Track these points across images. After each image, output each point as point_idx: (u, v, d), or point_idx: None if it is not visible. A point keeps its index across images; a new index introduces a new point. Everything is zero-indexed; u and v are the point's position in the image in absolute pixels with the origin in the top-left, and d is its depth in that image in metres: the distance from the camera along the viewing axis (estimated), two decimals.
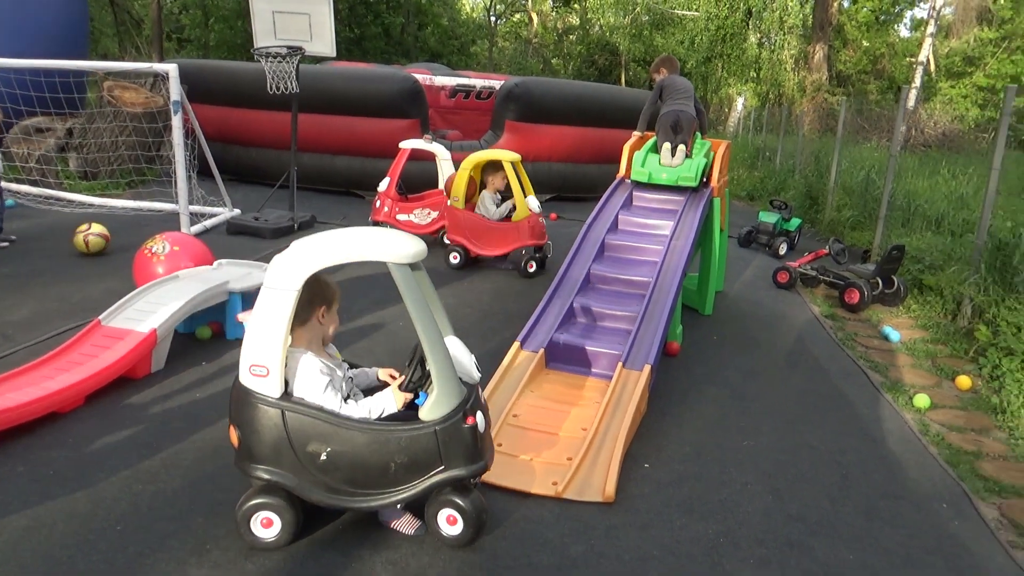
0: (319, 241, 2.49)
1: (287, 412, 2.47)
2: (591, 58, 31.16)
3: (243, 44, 23.22)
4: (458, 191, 6.70)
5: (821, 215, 10.36)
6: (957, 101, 29.01)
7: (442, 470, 2.50)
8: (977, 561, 2.83)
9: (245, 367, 2.50)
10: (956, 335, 5.64)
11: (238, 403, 2.54)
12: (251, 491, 2.57)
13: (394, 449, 2.46)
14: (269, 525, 2.55)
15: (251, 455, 2.53)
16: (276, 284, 2.44)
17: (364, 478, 2.48)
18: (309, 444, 2.47)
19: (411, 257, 2.43)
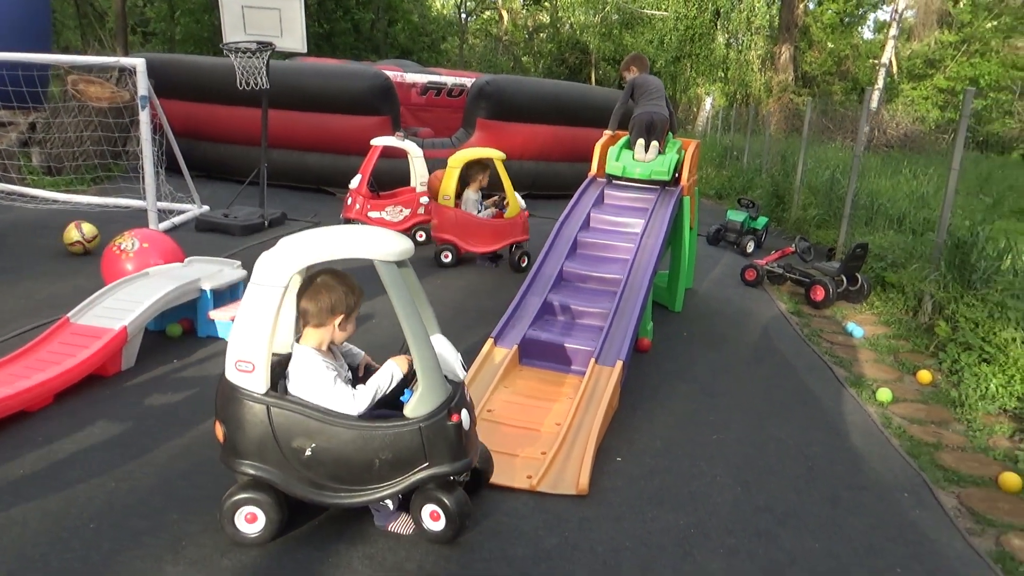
0: (306, 238, 2.50)
1: (272, 408, 2.47)
2: (562, 56, 31.26)
3: (210, 38, 22.89)
4: (448, 189, 6.70)
5: (787, 214, 10.55)
6: (918, 103, 29.68)
7: (426, 467, 2.51)
8: (937, 548, 2.93)
9: (231, 363, 2.50)
10: (917, 331, 5.80)
11: (224, 398, 2.54)
12: (236, 486, 2.57)
13: (379, 446, 2.47)
14: (253, 520, 2.55)
15: (236, 450, 2.53)
16: (263, 280, 2.44)
17: (349, 474, 2.49)
18: (294, 440, 2.47)
19: (398, 255, 2.45)
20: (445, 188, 6.71)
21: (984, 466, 3.71)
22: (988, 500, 3.38)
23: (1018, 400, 4.38)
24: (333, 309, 2.59)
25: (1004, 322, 4.85)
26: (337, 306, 2.59)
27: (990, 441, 4.04)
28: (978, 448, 3.94)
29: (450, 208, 6.74)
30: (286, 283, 2.44)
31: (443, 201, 6.75)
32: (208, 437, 3.33)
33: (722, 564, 2.69)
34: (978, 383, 4.60)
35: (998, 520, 3.21)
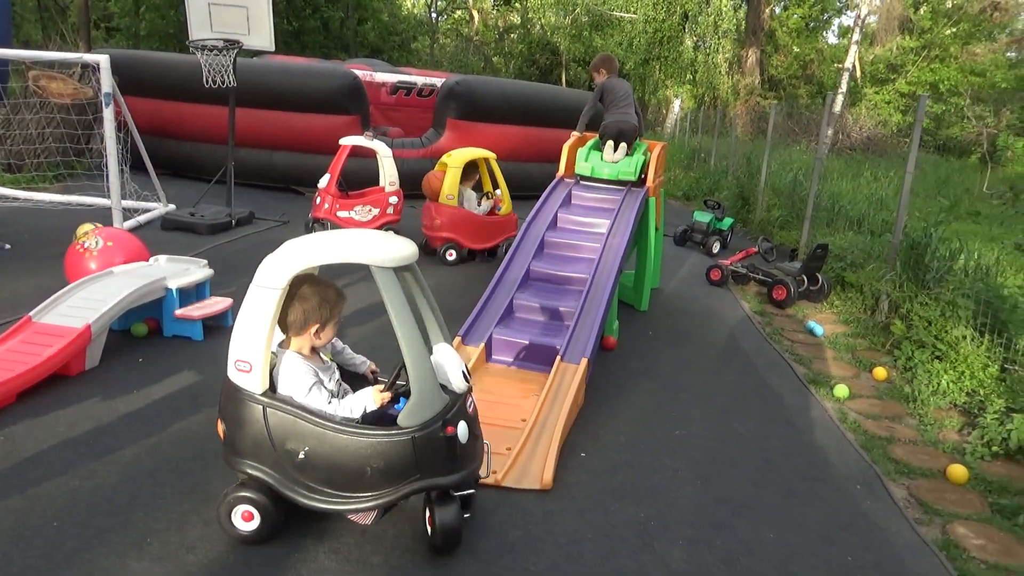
0: (306, 242, 2.52)
1: (268, 409, 2.49)
2: (532, 57, 31.34)
3: (175, 34, 22.57)
4: (452, 189, 6.89)
5: (752, 215, 10.74)
6: (881, 107, 30.30)
7: (418, 478, 2.48)
8: (886, 536, 3.05)
9: (232, 362, 2.52)
10: (874, 329, 5.97)
11: (225, 397, 2.56)
12: (235, 484, 2.59)
13: (370, 453, 2.45)
14: (249, 519, 2.56)
15: (235, 449, 2.55)
16: (263, 283, 2.46)
17: (341, 480, 2.47)
18: (288, 442, 2.48)
19: (395, 261, 2.44)
20: (448, 188, 6.91)
21: (933, 459, 3.85)
22: (936, 491, 3.51)
23: (967, 395, 4.54)
24: (307, 320, 2.60)
25: (955, 320, 5.02)
26: (311, 317, 2.60)
27: (940, 435, 4.19)
28: (928, 442, 4.09)
29: (453, 207, 6.93)
30: (284, 285, 2.46)
31: (446, 201, 6.91)
32: (174, 436, 3.35)
33: (681, 554, 2.77)
34: (930, 379, 4.76)
35: (944, 510, 3.34)
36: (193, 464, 3.11)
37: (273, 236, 7.70)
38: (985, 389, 4.48)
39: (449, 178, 6.91)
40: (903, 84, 32.32)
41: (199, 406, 3.65)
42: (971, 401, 4.48)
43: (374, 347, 3.86)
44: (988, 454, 3.89)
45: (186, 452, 3.20)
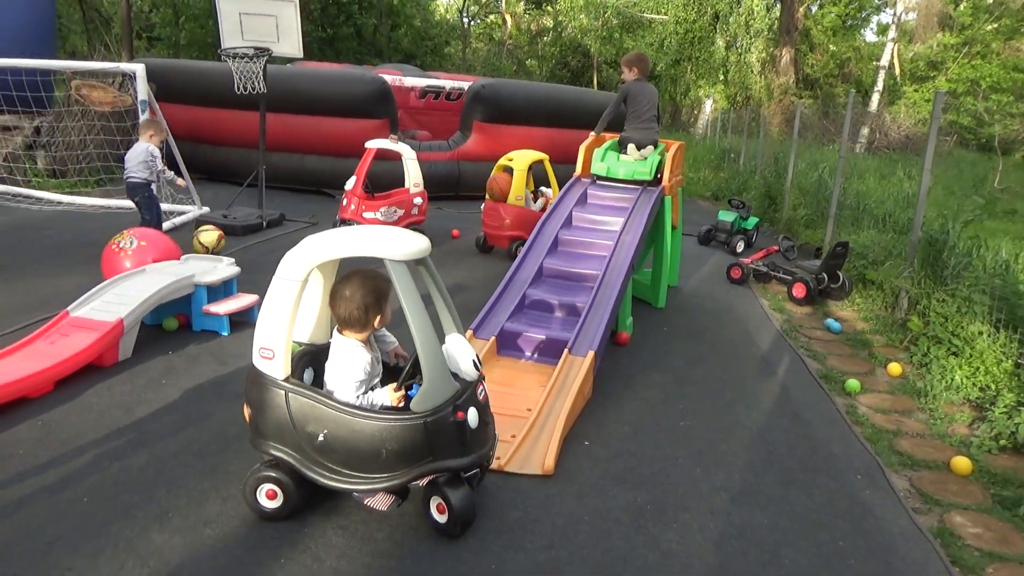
0: (325, 237, 2.69)
1: (290, 394, 2.65)
2: (564, 60, 31.49)
3: (213, 43, 23.12)
4: (520, 190, 7.42)
5: (779, 214, 10.71)
6: (920, 105, 29.73)
7: (430, 460, 2.63)
8: (881, 524, 3.10)
9: (256, 350, 2.69)
10: (893, 326, 5.96)
11: (251, 383, 2.74)
12: (260, 464, 2.77)
13: (385, 436, 2.59)
14: (273, 497, 2.74)
15: (259, 431, 2.73)
16: (284, 275, 2.64)
17: (358, 462, 2.62)
18: (308, 425, 2.64)
19: (408, 255, 2.58)
20: (517, 189, 7.39)
21: (939, 451, 3.88)
22: (938, 482, 3.54)
23: (980, 391, 4.54)
24: (368, 315, 2.75)
25: (971, 316, 5.01)
26: (372, 311, 2.75)
27: (949, 429, 4.20)
28: (936, 435, 4.11)
29: (520, 207, 7.41)
30: (303, 277, 2.63)
31: (515, 201, 7.36)
32: (198, 422, 3.54)
33: (673, 536, 2.87)
34: (944, 374, 4.76)
35: (945, 500, 3.38)
36: (214, 447, 3.30)
37: (301, 237, 7.90)
38: (998, 384, 4.47)
39: (517, 180, 7.39)
40: (943, 82, 31.67)
41: (222, 395, 3.85)
42: (984, 396, 4.48)
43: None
44: (995, 447, 3.91)
45: (208, 436, 3.39)
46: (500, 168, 7.64)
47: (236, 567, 2.50)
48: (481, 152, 11.38)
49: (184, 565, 2.49)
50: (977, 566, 2.87)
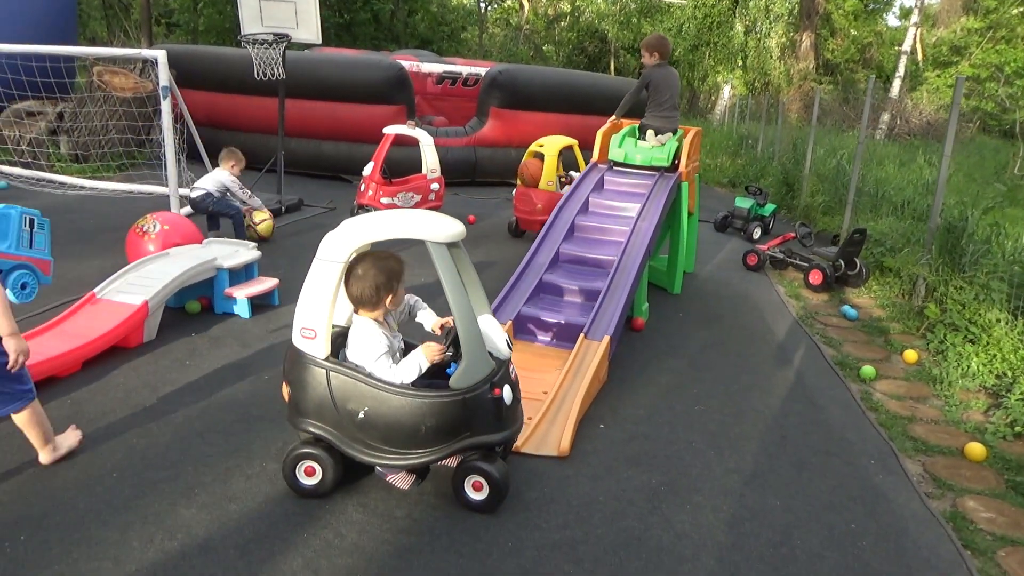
0: (365, 220, 2.74)
1: (331, 372, 2.72)
2: (581, 45, 31.31)
3: (232, 29, 23.24)
4: (551, 175, 7.57)
5: (797, 200, 10.66)
6: (943, 90, 29.30)
7: (468, 435, 2.71)
8: (894, 508, 3.13)
9: (297, 330, 2.76)
10: (910, 313, 5.95)
11: (290, 362, 2.81)
12: (298, 442, 2.84)
13: (425, 413, 2.67)
14: (312, 474, 2.82)
15: (299, 410, 2.80)
16: (327, 256, 2.70)
17: (397, 438, 2.70)
18: (349, 403, 2.71)
19: (448, 237, 2.66)
20: (548, 174, 7.53)
21: (953, 437, 3.89)
22: (952, 468, 3.56)
23: (996, 378, 4.54)
24: (380, 295, 2.81)
25: (989, 304, 5.00)
26: (383, 291, 2.82)
27: (964, 415, 4.21)
28: (951, 421, 4.12)
29: (551, 192, 7.49)
30: (346, 259, 2.69)
31: (547, 186, 7.50)
32: (221, 402, 3.63)
33: (686, 517, 2.91)
34: (960, 361, 4.76)
35: (958, 485, 3.40)
36: (238, 426, 3.38)
37: (320, 221, 8.02)
38: (1015, 371, 4.47)
39: (548, 166, 7.52)
40: (967, 67, 31.19)
41: (244, 376, 3.93)
42: (1000, 383, 4.48)
43: None
44: (1010, 434, 3.92)
45: (231, 416, 3.48)
46: (531, 154, 7.76)
47: (261, 541, 2.57)
48: (498, 138, 11.40)
49: (211, 539, 2.57)
50: (989, 549, 2.89)
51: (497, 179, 11.76)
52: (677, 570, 2.59)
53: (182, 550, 2.51)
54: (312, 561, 2.50)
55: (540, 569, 2.54)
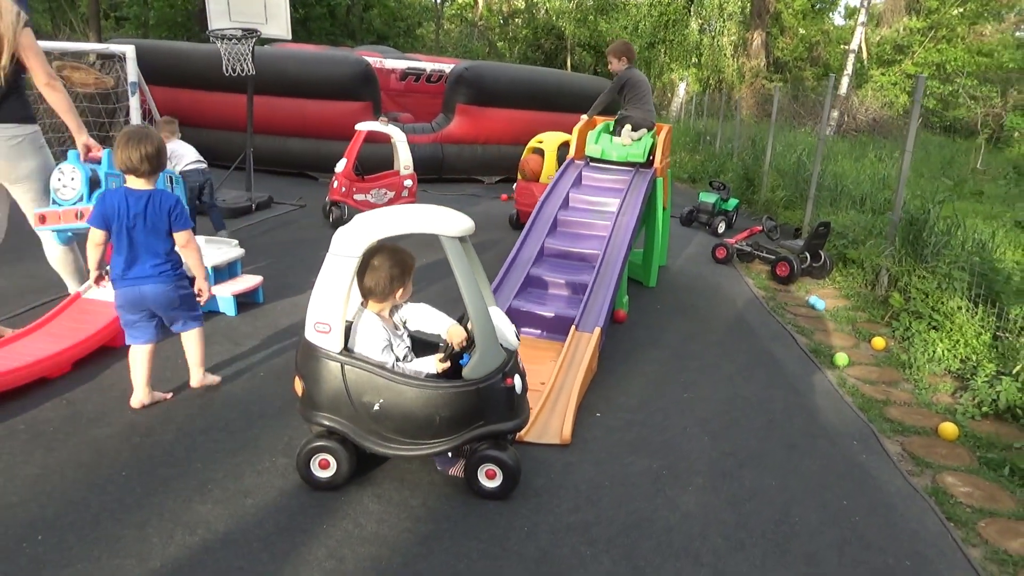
0: (379, 215, 2.78)
1: (346, 365, 2.75)
2: (537, 42, 31.41)
3: (184, 23, 22.75)
4: (551, 170, 7.78)
5: (757, 195, 10.95)
6: (887, 88, 30.27)
7: (481, 425, 2.78)
8: (879, 484, 3.31)
9: (311, 324, 2.78)
10: (874, 303, 6.21)
11: (304, 356, 2.83)
12: (312, 436, 2.87)
13: (439, 403, 2.73)
14: (326, 466, 2.84)
15: (313, 403, 2.82)
16: (340, 251, 2.72)
17: (412, 428, 2.76)
18: (364, 395, 2.75)
19: (461, 231, 2.73)
20: (549, 169, 7.84)
21: (926, 418, 4.11)
22: (928, 446, 3.76)
23: (960, 362, 4.79)
24: (392, 287, 2.88)
25: (951, 292, 5.25)
26: (395, 283, 2.89)
27: (933, 398, 4.44)
28: (922, 404, 4.34)
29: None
30: (360, 254, 2.73)
31: (547, 180, 7.61)
32: (220, 400, 3.62)
33: (690, 498, 3.04)
34: (926, 347, 5.00)
35: (935, 463, 3.59)
36: (240, 423, 3.38)
37: (292, 219, 7.97)
38: (978, 355, 4.72)
39: (549, 160, 7.89)
40: (909, 65, 32.26)
41: (239, 373, 3.93)
42: (964, 367, 4.73)
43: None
44: (978, 414, 4.14)
45: (233, 413, 3.48)
46: (530, 150, 8.10)
47: (283, 534, 2.60)
48: (464, 134, 11.45)
49: (232, 533, 2.59)
50: (970, 521, 3.08)
51: (464, 176, 11.82)
52: (688, 548, 2.70)
53: (204, 545, 2.52)
54: (336, 551, 2.54)
55: (557, 551, 2.63)
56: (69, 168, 4.07)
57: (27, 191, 4.04)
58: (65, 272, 4.34)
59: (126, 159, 3.21)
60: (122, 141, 3.22)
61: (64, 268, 4.32)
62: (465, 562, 2.53)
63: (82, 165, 4.11)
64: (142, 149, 3.21)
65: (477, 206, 9.84)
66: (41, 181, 4.04)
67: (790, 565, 2.65)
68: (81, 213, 3.93)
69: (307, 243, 6.82)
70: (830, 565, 2.68)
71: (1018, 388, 4.11)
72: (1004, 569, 2.78)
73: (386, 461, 3.08)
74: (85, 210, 3.87)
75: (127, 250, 3.27)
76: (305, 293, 5.26)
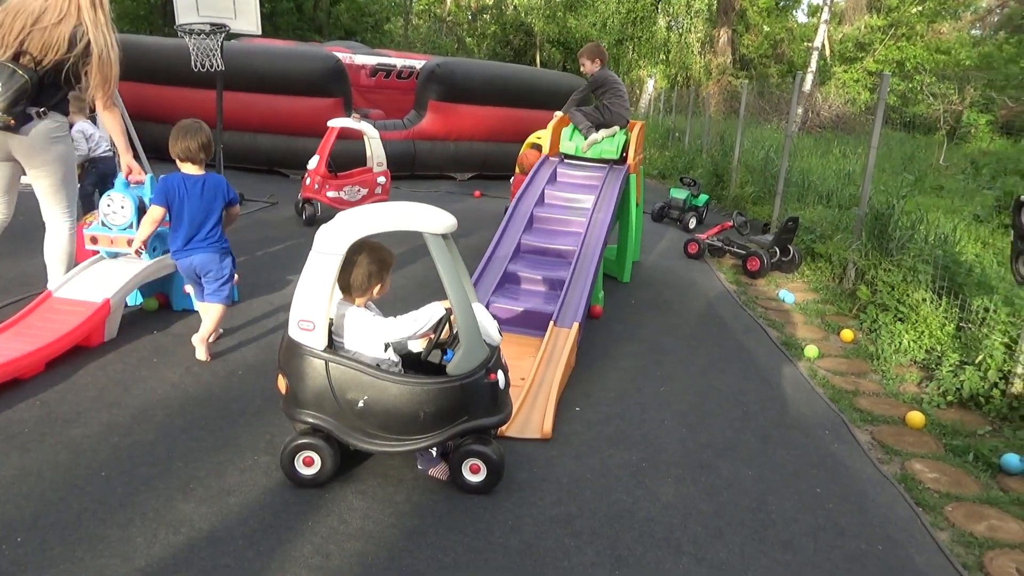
0: (362, 212, 2.78)
1: (330, 363, 2.76)
2: (506, 38, 31.40)
3: (147, 16, 22.33)
4: None
5: (726, 191, 11.11)
6: (849, 85, 30.83)
7: (465, 420, 2.80)
8: (851, 472, 3.40)
9: (294, 322, 2.78)
10: (842, 296, 6.35)
11: (287, 354, 2.82)
12: (296, 433, 2.87)
13: (424, 399, 2.75)
14: (311, 464, 2.84)
15: (297, 401, 2.82)
16: (324, 249, 2.72)
17: (396, 425, 2.77)
18: (349, 392, 2.75)
19: (444, 228, 2.74)
20: None
21: (894, 408, 4.23)
22: (896, 435, 3.88)
23: (926, 352, 4.93)
24: (370, 282, 2.90)
25: (916, 284, 5.40)
26: (373, 279, 2.90)
27: (901, 388, 4.57)
28: (890, 393, 4.46)
29: None
30: (344, 251, 2.73)
31: None
32: (198, 398, 3.60)
33: (670, 489, 3.10)
34: (892, 339, 5.14)
35: (904, 450, 3.71)
36: (220, 422, 3.37)
37: (263, 216, 7.90)
38: (942, 346, 4.86)
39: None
40: (871, 63, 32.88)
41: (217, 371, 3.90)
42: (929, 357, 4.87)
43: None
44: (943, 402, 4.28)
45: (212, 412, 3.46)
46: (528, 145, 8.04)
47: (268, 531, 2.61)
48: (437, 131, 11.43)
49: (217, 531, 2.58)
50: (937, 505, 3.19)
51: (437, 172, 11.80)
52: (669, 537, 2.76)
53: (189, 543, 2.52)
54: (321, 547, 2.55)
55: (541, 543, 2.67)
56: (119, 196, 4.43)
57: (46, 176, 4.23)
58: (56, 259, 4.39)
59: (185, 148, 3.79)
60: (180, 133, 3.80)
61: (58, 255, 4.39)
62: (451, 556, 2.56)
63: (131, 193, 4.45)
64: (200, 139, 3.81)
65: (452, 203, 9.85)
66: (61, 170, 4.26)
67: (767, 552, 2.73)
68: (130, 241, 4.34)
69: (280, 240, 6.78)
70: (806, 551, 2.76)
71: (980, 377, 4.25)
72: (970, 551, 2.88)
73: (369, 458, 3.09)
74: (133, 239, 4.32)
75: (186, 227, 3.82)
76: (280, 291, 5.26)
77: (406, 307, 2.99)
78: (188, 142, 3.78)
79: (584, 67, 6.41)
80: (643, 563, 2.60)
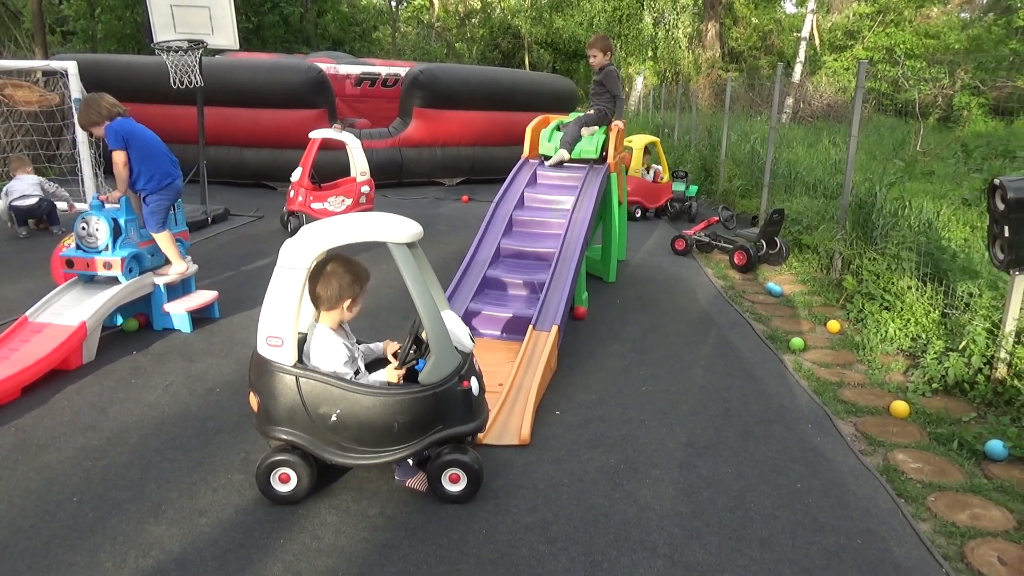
0: (325, 225, 2.76)
1: (301, 378, 2.74)
2: (495, 41, 31.42)
3: (133, 35, 22.36)
4: (639, 164, 9.33)
5: (715, 185, 11.08)
6: (840, 74, 30.77)
7: (440, 429, 2.78)
8: (833, 465, 3.37)
9: (262, 338, 2.76)
10: (829, 286, 6.32)
11: (257, 371, 2.80)
12: (270, 450, 2.84)
13: (397, 410, 2.73)
14: (286, 480, 2.82)
15: (269, 417, 2.80)
16: (287, 264, 2.71)
17: (371, 437, 2.75)
18: (321, 407, 2.73)
19: (409, 237, 2.73)
20: (636, 163, 9.18)
21: (879, 398, 4.19)
22: (880, 425, 3.85)
23: (912, 341, 4.90)
24: (341, 296, 2.85)
25: (900, 272, 5.37)
26: (344, 293, 2.86)
27: (886, 377, 4.53)
28: (875, 384, 4.43)
29: (638, 178, 9.36)
30: (309, 265, 2.71)
31: (634, 173, 9.19)
32: (175, 418, 3.58)
33: (648, 491, 3.07)
34: (879, 328, 5.11)
35: (887, 441, 3.68)
36: (196, 441, 3.35)
37: (249, 231, 7.89)
38: (927, 333, 4.83)
39: (636, 156, 9.11)
40: (860, 50, 32.81)
41: (194, 390, 3.88)
42: (915, 345, 4.84)
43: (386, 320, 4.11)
44: (928, 390, 4.25)
45: (188, 432, 3.44)
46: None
47: (239, 550, 2.58)
48: (423, 138, 11.43)
49: (187, 553, 2.56)
50: (920, 496, 3.16)
51: (425, 179, 11.79)
52: (644, 541, 2.73)
53: (158, 567, 2.49)
54: (292, 565, 2.52)
55: (515, 552, 2.64)
56: (94, 219, 4.45)
57: None
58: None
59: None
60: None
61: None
62: (423, 568, 2.53)
63: (105, 215, 4.47)
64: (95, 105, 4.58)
65: (438, 209, 9.84)
66: None
67: (744, 550, 2.70)
68: (108, 264, 4.42)
69: (266, 254, 6.76)
70: (783, 548, 2.73)
71: (964, 363, 4.22)
72: (952, 541, 2.85)
73: (343, 472, 3.07)
74: (111, 261, 4.42)
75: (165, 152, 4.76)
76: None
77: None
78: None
79: (595, 59, 6.13)
80: (617, 567, 2.57)
